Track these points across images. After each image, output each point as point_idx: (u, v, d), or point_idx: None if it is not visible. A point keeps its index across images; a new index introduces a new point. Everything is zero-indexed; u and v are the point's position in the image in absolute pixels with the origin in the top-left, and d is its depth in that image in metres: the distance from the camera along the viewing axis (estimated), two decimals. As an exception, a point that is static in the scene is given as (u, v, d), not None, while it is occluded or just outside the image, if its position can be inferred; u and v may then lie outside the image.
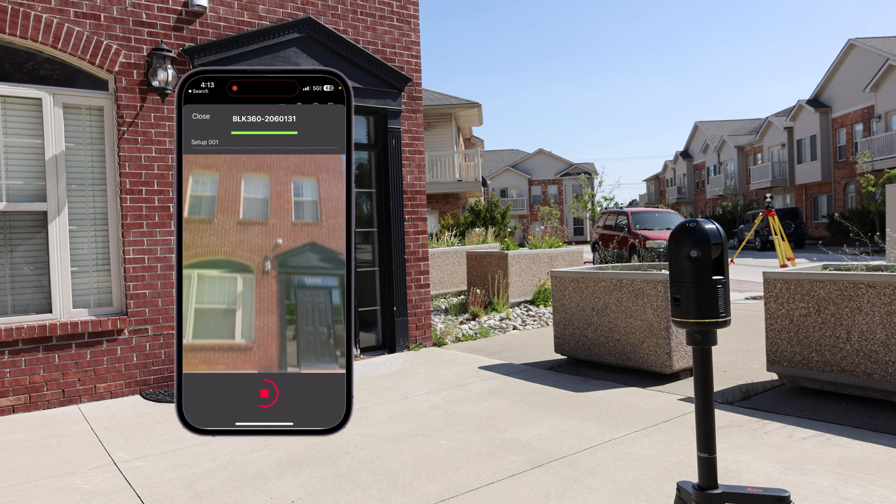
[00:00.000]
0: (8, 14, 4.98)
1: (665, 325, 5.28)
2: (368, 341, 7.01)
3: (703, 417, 1.83)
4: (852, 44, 32.03)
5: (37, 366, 5.08)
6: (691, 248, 1.80)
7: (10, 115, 5.15)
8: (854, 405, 4.41)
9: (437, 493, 3.18)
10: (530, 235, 15.27)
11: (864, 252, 16.57)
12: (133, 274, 5.50)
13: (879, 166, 28.58)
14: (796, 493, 2.97)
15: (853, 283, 4.41)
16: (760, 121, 47.85)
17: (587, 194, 41.59)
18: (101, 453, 3.95)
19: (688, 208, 56.32)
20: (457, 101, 23.65)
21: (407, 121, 7.16)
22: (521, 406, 4.71)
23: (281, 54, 6.24)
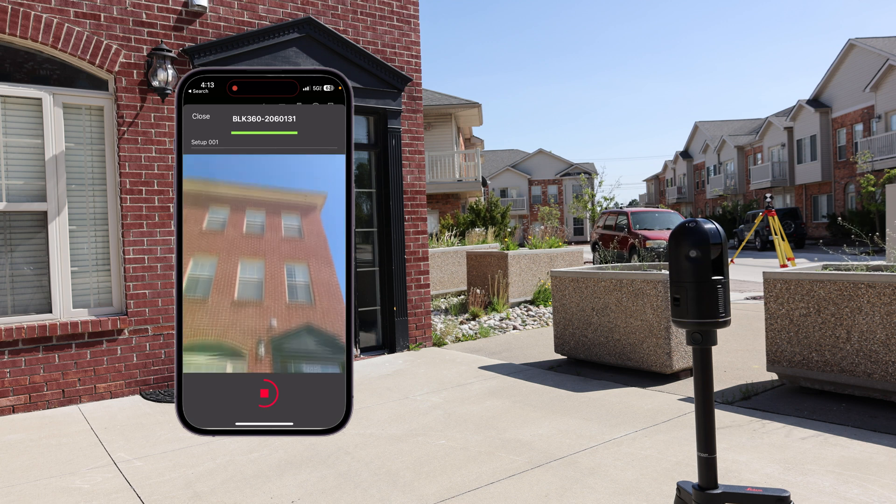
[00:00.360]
0: (8, 14, 4.98)
1: (665, 325, 5.28)
2: (368, 341, 7.01)
3: (703, 417, 1.83)
4: (852, 44, 32.03)
5: (37, 366, 5.08)
6: (691, 248, 1.80)
7: (11, 115, 5.15)
8: (854, 405, 4.41)
9: (437, 493, 3.18)
10: (530, 235, 15.27)
11: (864, 252, 16.57)
12: (133, 274, 5.50)
13: (879, 166, 28.58)
14: (796, 493, 2.97)
15: (853, 283, 4.41)
16: (760, 121, 47.86)
17: (587, 194, 41.59)
18: (101, 453, 3.95)
19: (688, 208, 56.31)
20: (457, 101, 23.65)
21: (407, 121, 7.16)
22: (521, 406, 4.71)
23: (281, 54, 6.24)
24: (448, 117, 24.16)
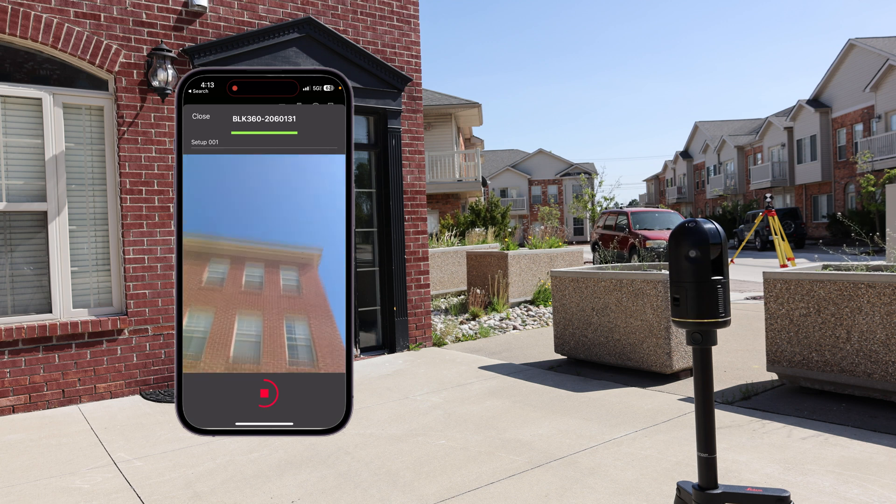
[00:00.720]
0: (8, 14, 4.98)
1: (665, 325, 5.28)
2: (368, 341, 7.01)
3: (703, 417, 1.83)
4: (852, 44, 32.02)
5: (37, 366, 5.08)
6: (691, 248, 1.80)
7: (11, 115, 5.15)
8: (854, 405, 4.41)
9: (437, 493, 3.18)
10: (530, 235, 15.27)
11: (864, 252, 16.57)
12: (133, 274, 5.50)
13: (879, 166, 28.58)
14: (796, 493, 2.97)
15: (853, 283, 4.41)
16: (760, 121, 47.85)
17: (587, 194, 41.60)
18: (101, 453, 3.95)
19: (688, 208, 56.31)
20: (457, 101, 23.65)
21: (407, 121, 7.16)
22: (521, 406, 4.71)
23: (281, 54, 6.24)
24: (448, 117, 24.16)
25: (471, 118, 25.77)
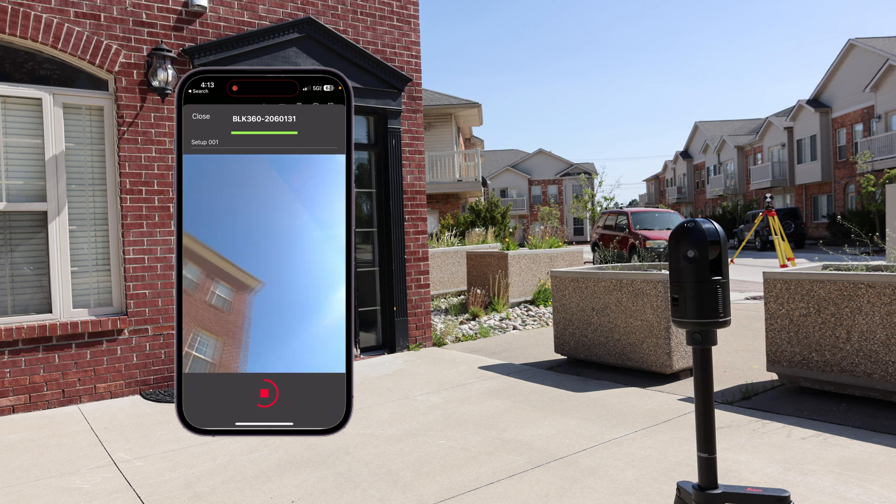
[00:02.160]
0: (8, 14, 4.98)
1: (665, 325, 5.28)
2: (368, 341, 7.01)
3: (703, 417, 1.83)
4: (852, 44, 32.03)
5: (37, 366, 5.08)
6: (690, 248, 1.80)
7: (11, 115, 5.15)
8: (854, 405, 4.41)
9: (437, 493, 3.18)
10: (530, 235, 15.26)
11: (864, 252, 16.57)
12: (133, 274, 5.51)
13: (879, 166, 28.58)
14: (796, 493, 2.97)
15: (853, 283, 4.41)
16: (760, 121, 47.85)
17: (587, 194, 41.61)
18: (101, 453, 3.95)
19: (688, 208, 56.31)
20: (457, 101, 23.65)
21: (407, 121, 7.16)
22: (521, 406, 4.71)
23: (281, 54, 6.24)
24: (448, 117, 24.16)
25: (471, 118, 25.77)
